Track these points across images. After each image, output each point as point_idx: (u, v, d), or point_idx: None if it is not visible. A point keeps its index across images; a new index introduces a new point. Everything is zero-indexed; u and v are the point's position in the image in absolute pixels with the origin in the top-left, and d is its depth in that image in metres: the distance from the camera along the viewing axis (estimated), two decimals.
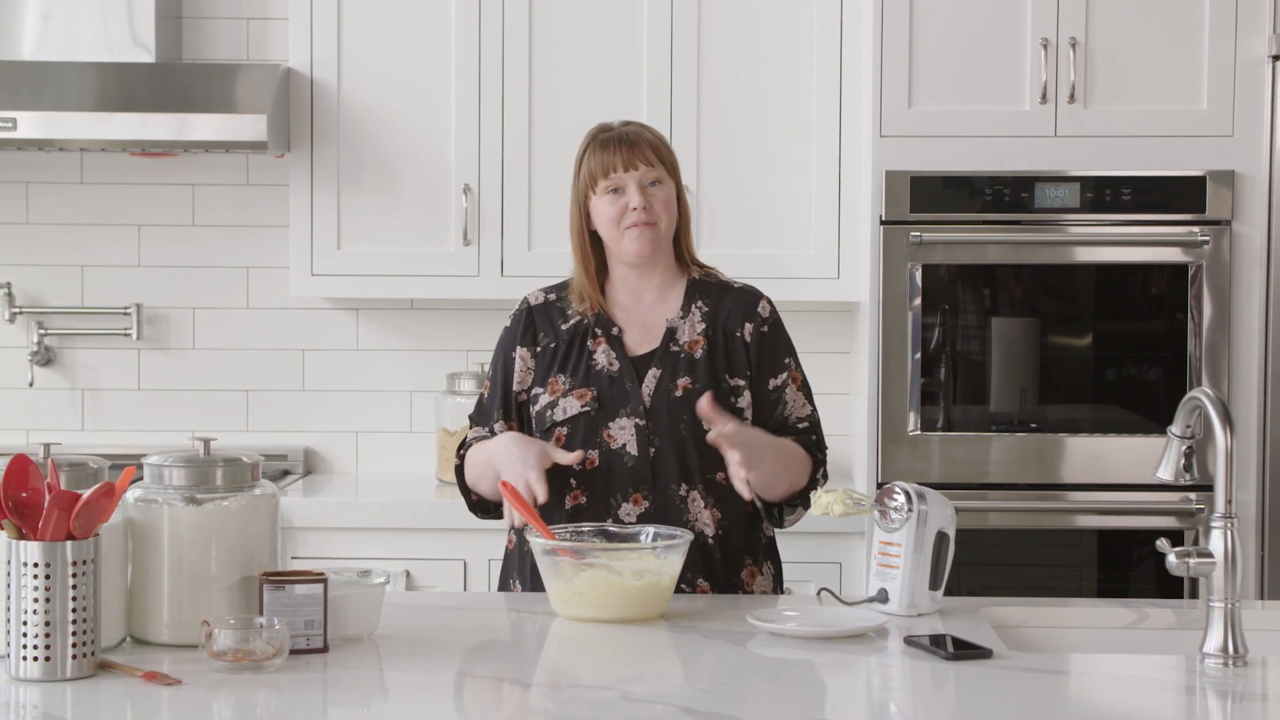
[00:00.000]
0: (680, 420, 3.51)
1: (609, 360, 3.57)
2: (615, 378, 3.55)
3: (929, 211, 4.65)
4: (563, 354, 3.60)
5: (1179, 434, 3.02)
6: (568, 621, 3.18)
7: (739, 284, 3.70)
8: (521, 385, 3.63)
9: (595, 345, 3.59)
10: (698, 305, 3.62)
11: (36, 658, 2.70)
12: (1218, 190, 4.63)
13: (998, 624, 3.21)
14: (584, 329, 3.61)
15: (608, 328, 3.61)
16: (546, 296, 3.70)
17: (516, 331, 3.67)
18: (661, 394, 3.53)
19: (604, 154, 3.59)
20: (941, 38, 4.67)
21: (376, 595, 3.03)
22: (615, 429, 3.52)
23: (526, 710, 2.71)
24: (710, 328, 3.60)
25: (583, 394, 3.55)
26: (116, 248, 5.32)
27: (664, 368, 3.56)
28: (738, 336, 3.61)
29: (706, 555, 3.52)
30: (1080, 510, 4.70)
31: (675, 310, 3.63)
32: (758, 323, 3.63)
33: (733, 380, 3.58)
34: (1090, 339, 4.72)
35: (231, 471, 2.97)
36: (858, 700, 2.83)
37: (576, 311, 3.64)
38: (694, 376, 3.55)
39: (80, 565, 2.70)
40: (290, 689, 2.72)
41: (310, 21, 4.95)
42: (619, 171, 3.56)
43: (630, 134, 3.60)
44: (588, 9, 4.95)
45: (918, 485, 3.27)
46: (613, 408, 3.53)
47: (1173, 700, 2.77)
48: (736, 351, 3.60)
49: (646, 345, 3.60)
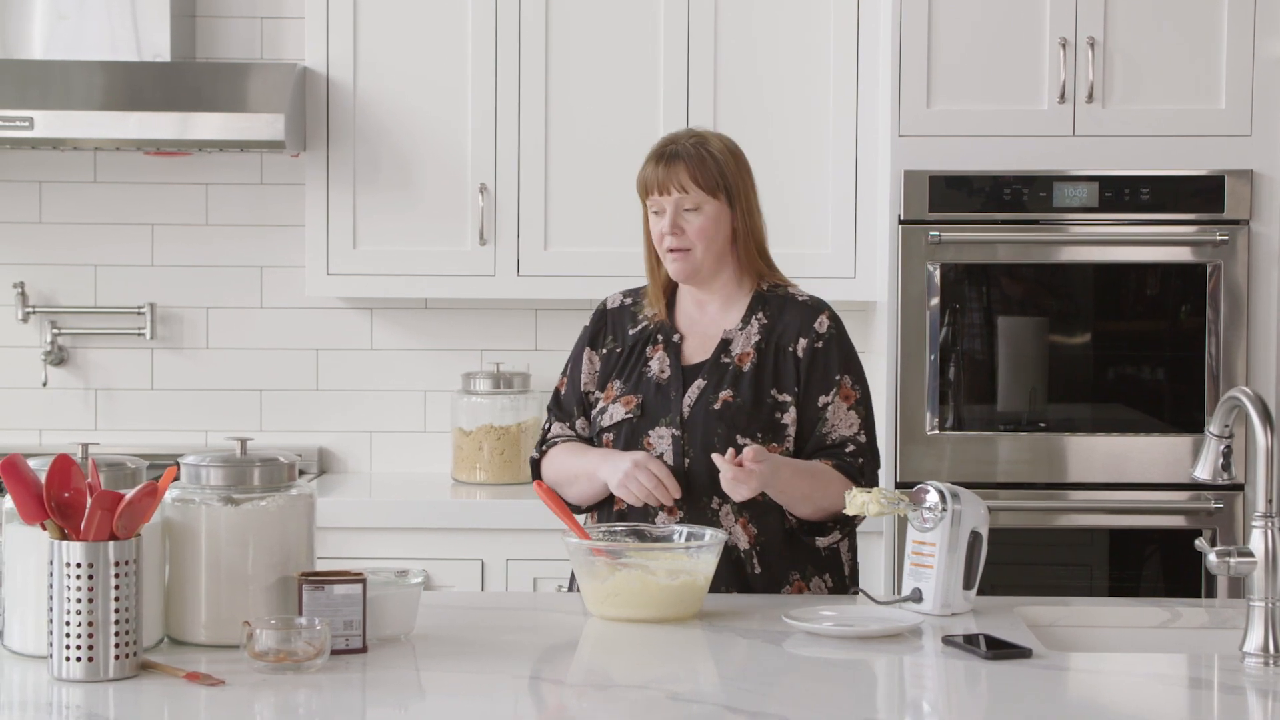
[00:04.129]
0: (715, 433, 3.48)
1: (661, 368, 3.57)
2: (662, 386, 3.55)
3: (947, 211, 4.65)
4: (623, 360, 3.61)
5: (1217, 433, 3.01)
6: (602, 621, 3.18)
7: (804, 297, 3.64)
8: (587, 387, 3.65)
9: (653, 352, 3.59)
10: (758, 317, 3.59)
11: (79, 658, 2.69)
12: (1236, 190, 4.63)
13: (1030, 623, 3.22)
14: (647, 336, 3.62)
15: (669, 335, 3.61)
16: (624, 300, 3.72)
17: (590, 333, 3.70)
18: (701, 405, 3.51)
19: (649, 170, 3.59)
20: (960, 38, 4.67)
21: (414, 595, 3.02)
22: (654, 437, 3.51)
23: (571, 710, 2.70)
24: (764, 340, 3.56)
25: (629, 400, 3.55)
26: (130, 247, 5.30)
27: (710, 379, 3.54)
28: (790, 351, 3.56)
29: (739, 569, 3.48)
30: (1095, 509, 4.70)
31: (735, 321, 3.60)
32: (813, 338, 3.57)
33: (780, 395, 3.53)
34: (1108, 339, 4.72)
35: (269, 472, 2.97)
36: (903, 700, 2.83)
37: (646, 317, 3.64)
38: (737, 390, 3.51)
39: (123, 565, 2.70)
40: (331, 689, 2.72)
41: (326, 21, 4.94)
42: (655, 194, 3.57)
43: (675, 152, 3.56)
44: (605, 8, 4.95)
45: (951, 485, 3.27)
46: (654, 416, 3.53)
47: (1214, 700, 2.77)
48: (786, 366, 3.55)
49: (701, 355, 3.59)
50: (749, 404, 3.50)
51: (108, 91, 4.86)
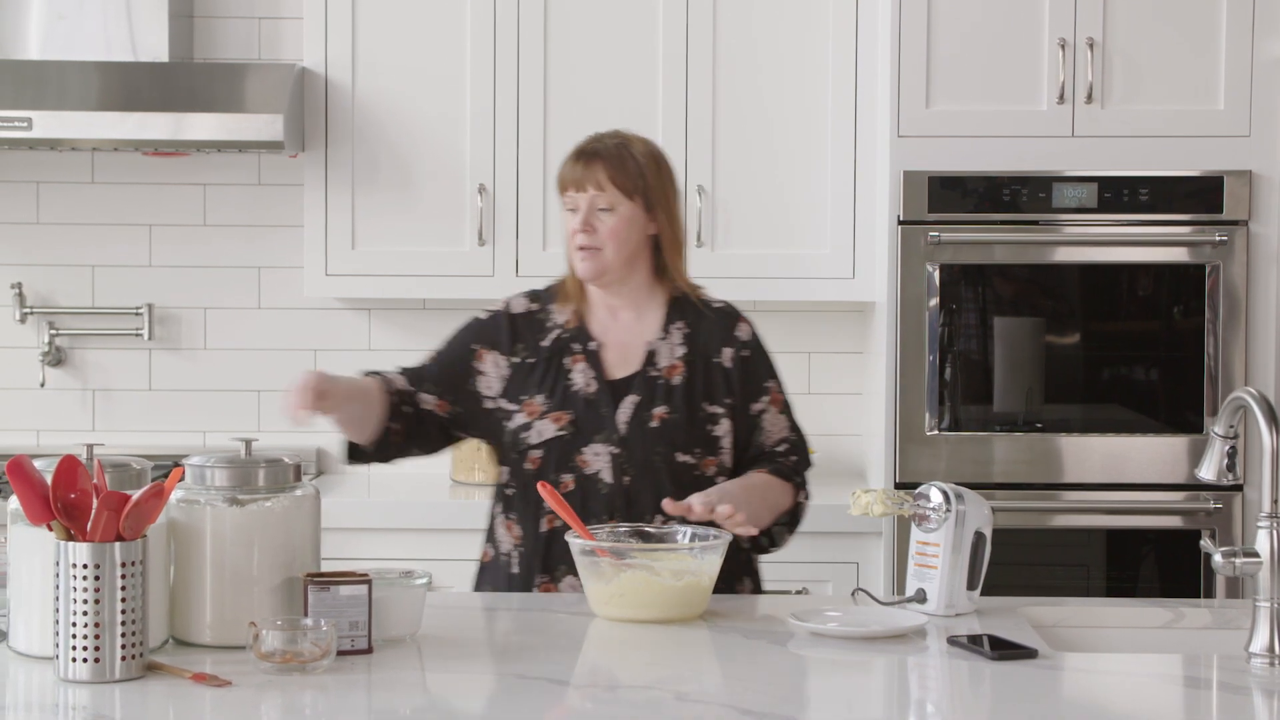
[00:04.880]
0: (655, 451, 3.47)
1: (586, 381, 3.52)
2: (592, 401, 3.50)
3: (946, 211, 4.66)
4: (540, 372, 3.55)
5: (1222, 434, 3.01)
6: (607, 622, 3.17)
7: (718, 303, 3.65)
8: (489, 390, 3.57)
9: (573, 363, 3.54)
10: (677, 326, 3.58)
11: (86, 659, 2.68)
12: (1235, 190, 4.64)
13: (1034, 623, 3.21)
14: (562, 345, 3.56)
15: (586, 343, 3.56)
16: (529, 305, 3.64)
17: (496, 334, 3.61)
18: (637, 423, 3.49)
19: (566, 168, 3.56)
20: (959, 38, 4.67)
21: (419, 596, 3.02)
22: (589, 454, 3.48)
23: (578, 711, 2.70)
24: (690, 352, 3.55)
25: (559, 417, 3.49)
26: (127, 248, 5.30)
27: (642, 394, 3.51)
28: (716, 363, 3.56)
29: None
30: (1093, 510, 4.71)
31: (655, 331, 3.57)
32: (737, 347, 3.59)
33: (711, 408, 3.53)
34: (1107, 339, 4.72)
35: (273, 472, 2.96)
36: (909, 700, 2.83)
37: (557, 324, 3.58)
38: (671, 405, 3.50)
39: (129, 566, 2.69)
40: (337, 690, 2.72)
41: (325, 21, 4.94)
42: (570, 190, 3.53)
43: (595, 150, 3.54)
44: (603, 8, 4.95)
45: (955, 485, 3.27)
46: (588, 432, 3.48)
47: (1221, 701, 2.77)
48: (715, 378, 3.55)
49: (626, 368, 3.55)
50: (684, 420, 3.50)
51: (106, 92, 4.85)
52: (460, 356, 3.61)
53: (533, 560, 3.50)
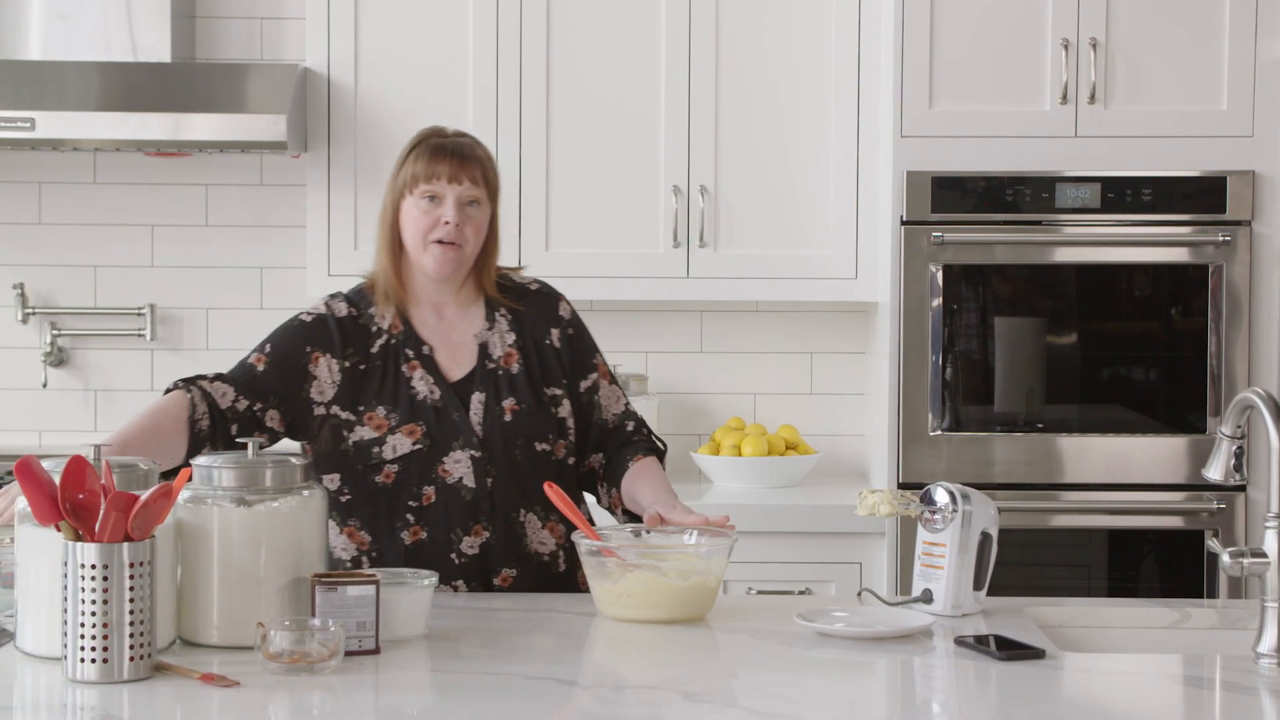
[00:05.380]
0: (515, 446, 3.46)
1: (429, 389, 3.47)
2: (441, 409, 3.46)
3: (949, 212, 4.66)
4: (377, 381, 3.47)
5: (1229, 434, 3.01)
6: (613, 622, 3.17)
7: (534, 284, 3.64)
8: (320, 396, 3.48)
9: (410, 371, 3.48)
10: (501, 314, 3.56)
11: (94, 659, 2.68)
12: (1238, 190, 4.64)
13: (1040, 623, 3.21)
14: (394, 351, 3.49)
15: (418, 347, 3.50)
16: (349, 309, 3.53)
17: (327, 337, 3.50)
18: (492, 421, 3.46)
19: (432, 160, 3.47)
20: (962, 38, 4.67)
21: (425, 596, 3.02)
22: (450, 463, 3.44)
23: (586, 711, 2.70)
24: (520, 338, 3.54)
25: (412, 430, 3.44)
26: (129, 248, 5.30)
27: (487, 390, 3.49)
28: (547, 345, 3.56)
29: (547, 570, 3.50)
30: (1096, 510, 4.71)
31: (481, 323, 3.55)
32: (563, 326, 3.59)
33: (550, 391, 3.53)
34: (1110, 339, 4.72)
35: (281, 473, 2.95)
36: (917, 701, 2.83)
37: (381, 328, 3.51)
38: (517, 395, 3.49)
39: (137, 567, 2.69)
40: (345, 690, 2.71)
41: (327, 21, 4.94)
42: (442, 181, 3.45)
43: (464, 146, 3.49)
44: (606, 9, 4.95)
45: (961, 485, 3.27)
46: (445, 441, 3.44)
47: (1229, 701, 2.77)
48: (549, 360, 3.55)
49: (462, 367, 3.51)
50: (534, 407, 3.49)
51: (110, 93, 4.85)
52: (293, 360, 3.48)
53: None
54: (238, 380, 3.46)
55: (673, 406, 5.30)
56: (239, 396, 3.43)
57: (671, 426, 5.28)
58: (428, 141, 3.52)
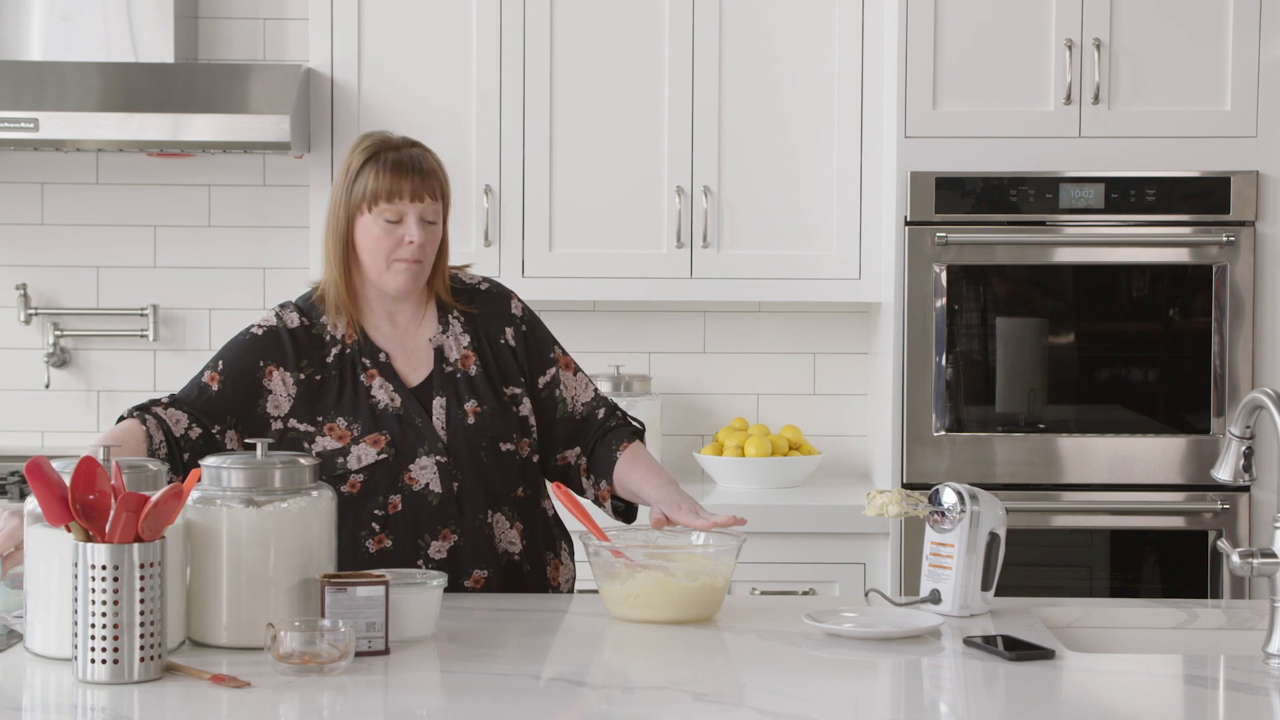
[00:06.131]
0: (480, 448, 3.45)
1: (389, 396, 3.45)
2: (403, 416, 3.44)
3: (953, 212, 4.66)
4: (334, 392, 3.44)
5: (1238, 434, 3.01)
6: (621, 623, 3.17)
7: (484, 283, 3.62)
8: (277, 410, 3.43)
9: (369, 379, 3.45)
10: (454, 316, 3.54)
11: (104, 660, 2.68)
12: (1242, 191, 4.64)
13: (1048, 624, 3.22)
14: (349, 360, 3.46)
15: (374, 355, 3.48)
16: (300, 320, 3.49)
17: (280, 349, 3.46)
18: (456, 425, 3.45)
19: (393, 177, 3.39)
20: (966, 39, 4.68)
21: (434, 597, 3.02)
22: (416, 470, 3.43)
23: (596, 712, 2.70)
24: (475, 340, 3.53)
25: (375, 439, 3.42)
26: (132, 249, 5.30)
27: (447, 394, 3.47)
28: (502, 344, 3.55)
29: (515, 571, 3.49)
30: (1100, 510, 4.71)
31: (434, 327, 3.53)
32: (516, 324, 3.58)
33: (510, 390, 3.52)
34: (1114, 340, 4.73)
35: (289, 473, 2.95)
36: (926, 701, 2.83)
37: (334, 337, 3.47)
38: (478, 397, 3.48)
39: (148, 568, 2.69)
40: (355, 691, 2.71)
41: (330, 22, 4.94)
42: (404, 200, 3.39)
43: (421, 162, 3.42)
44: (609, 9, 4.95)
45: (969, 486, 3.27)
46: (410, 449, 3.42)
47: (1238, 701, 2.77)
48: (505, 360, 3.54)
49: (420, 372, 3.50)
50: (495, 407, 3.48)
51: (113, 93, 4.85)
52: (248, 377, 3.44)
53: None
54: (193, 404, 3.41)
55: (676, 407, 5.30)
56: (192, 424, 3.38)
57: (674, 427, 5.29)
58: (383, 156, 3.41)
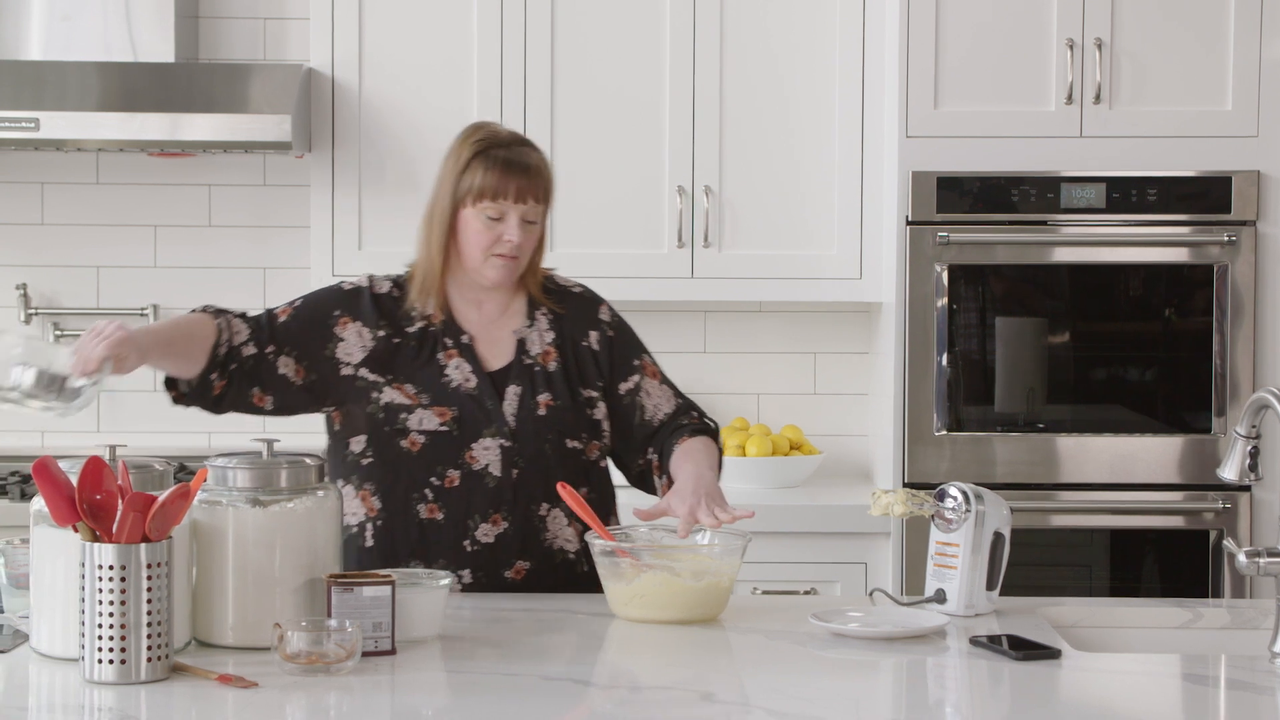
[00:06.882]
0: (545, 440, 3.46)
1: (464, 377, 3.47)
2: (475, 396, 3.46)
3: (954, 212, 4.66)
4: (409, 360, 3.48)
5: (1244, 434, 3.02)
6: (626, 622, 3.17)
7: (576, 287, 3.65)
8: (349, 358, 3.49)
9: (447, 359, 3.49)
10: (541, 312, 3.56)
11: (111, 660, 2.68)
12: (1243, 191, 4.65)
13: (1053, 623, 3.22)
14: (431, 337, 3.50)
15: (457, 336, 3.51)
16: (391, 290, 3.56)
17: (359, 306, 3.53)
18: (526, 414, 3.46)
19: (501, 176, 3.43)
20: (967, 39, 4.68)
21: (440, 597, 3.02)
22: (478, 450, 3.44)
23: (604, 712, 2.70)
24: (559, 338, 3.55)
25: (442, 412, 3.44)
26: (132, 248, 5.29)
27: (523, 384, 3.49)
28: (585, 346, 3.56)
29: (570, 570, 3.48)
30: (1102, 510, 4.71)
31: (521, 319, 3.56)
32: (602, 330, 3.59)
33: (587, 392, 3.53)
34: (1116, 339, 4.73)
35: (295, 473, 2.96)
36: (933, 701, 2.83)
37: (421, 314, 3.52)
38: (554, 392, 3.49)
39: (155, 568, 2.69)
40: (361, 691, 2.71)
41: (331, 21, 4.93)
42: (508, 201, 3.43)
43: (529, 163, 3.46)
44: (610, 9, 4.95)
45: (974, 485, 3.27)
46: (474, 428, 3.44)
47: (1244, 700, 2.77)
48: (586, 362, 3.55)
49: (500, 359, 3.52)
50: (569, 405, 3.50)
51: (115, 93, 4.84)
52: (320, 319, 3.52)
53: (399, 543, 3.44)
54: (256, 324, 3.52)
55: None
56: (249, 341, 3.48)
57: None
58: (493, 154, 3.46)
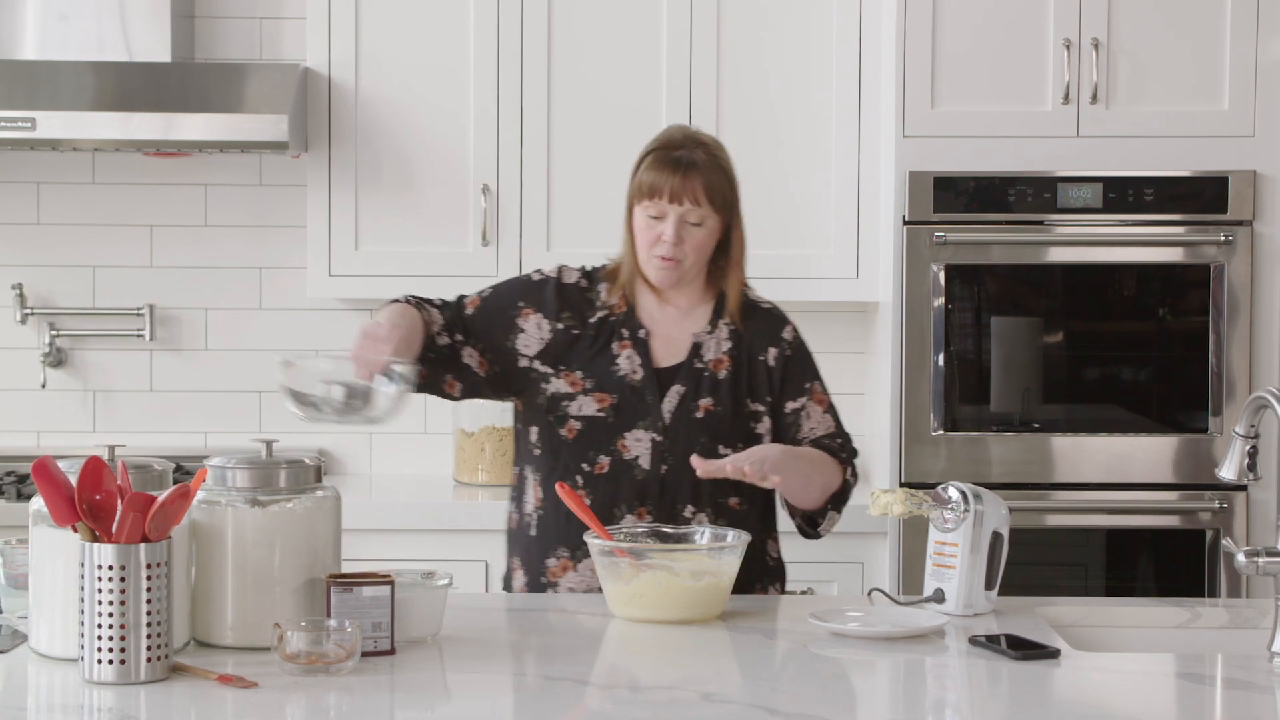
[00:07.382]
0: (697, 441, 3.47)
1: (632, 368, 3.52)
2: (637, 388, 3.51)
3: (951, 212, 4.66)
4: (586, 349, 3.54)
5: (1243, 433, 3.02)
6: (625, 622, 3.17)
7: (766, 304, 3.66)
8: (526, 349, 3.56)
9: (620, 349, 3.54)
10: (725, 322, 3.58)
11: (111, 661, 2.68)
12: (1240, 190, 4.65)
13: (1052, 623, 3.22)
14: (610, 326, 3.56)
15: (635, 329, 3.56)
16: (579, 279, 3.62)
17: (543, 296, 3.59)
18: (683, 412, 3.49)
19: (658, 174, 3.47)
20: (964, 39, 4.68)
21: (440, 597, 3.02)
22: (630, 440, 3.48)
23: (603, 712, 2.70)
24: (736, 348, 3.56)
25: (602, 399, 3.50)
26: (128, 248, 5.28)
27: (688, 385, 3.52)
28: (761, 360, 3.57)
29: None
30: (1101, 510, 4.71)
31: (703, 324, 3.58)
32: (782, 347, 3.60)
33: (753, 405, 3.54)
34: (1114, 339, 4.73)
35: (294, 473, 2.95)
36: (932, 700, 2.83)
37: (605, 305, 3.57)
38: (717, 398, 3.51)
39: (155, 568, 2.69)
40: (361, 691, 2.71)
41: (328, 21, 4.93)
42: (662, 200, 3.46)
43: (692, 162, 3.47)
44: (607, 9, 4.94)
45: (973, 485, 3.27)
46: (631, 418, 3.49)
47: (1243, 700, 2.77)
48: (759, 375, 3.56)
49: (672, 358, 3.55)
50: (729, 413, 3.51)
51: (111, 93, 4.84)
52: (504, 310, 3.59)
53: (553, 531, 3.50)
54: (447, 312, 3.60)
55: None
56: (443, 331, 3.56)
57: None
58: (659, 153, 3.51)
